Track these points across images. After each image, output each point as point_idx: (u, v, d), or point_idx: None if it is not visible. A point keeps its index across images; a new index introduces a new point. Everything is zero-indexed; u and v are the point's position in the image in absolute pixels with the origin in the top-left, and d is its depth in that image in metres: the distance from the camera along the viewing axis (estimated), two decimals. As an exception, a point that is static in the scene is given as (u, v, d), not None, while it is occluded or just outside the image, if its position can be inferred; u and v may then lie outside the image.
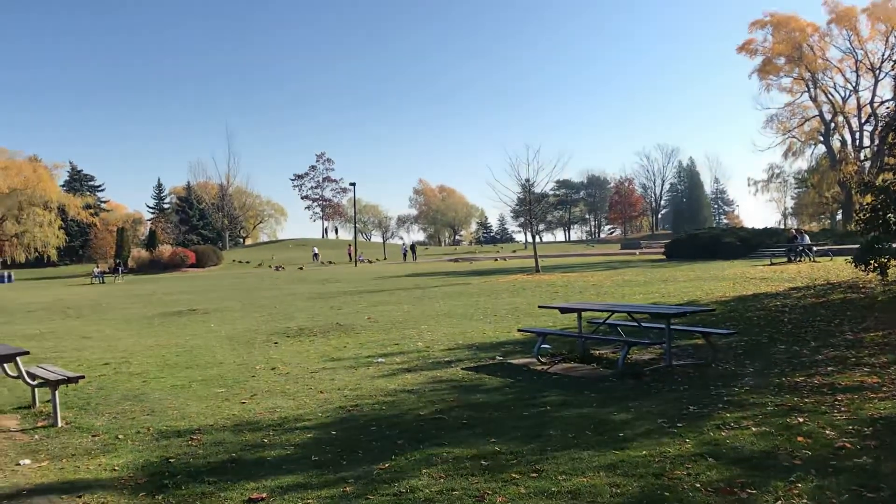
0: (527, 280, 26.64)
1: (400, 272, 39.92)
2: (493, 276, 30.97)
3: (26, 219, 65.28)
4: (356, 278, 35.01)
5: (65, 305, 25.40)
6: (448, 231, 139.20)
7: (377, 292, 24.29)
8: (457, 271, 37.93)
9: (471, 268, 42.90)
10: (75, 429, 7.00)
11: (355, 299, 21.70)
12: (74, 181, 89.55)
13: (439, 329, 13.31)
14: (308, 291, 26.66)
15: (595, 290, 20.38)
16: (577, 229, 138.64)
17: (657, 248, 59.80)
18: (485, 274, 33.16)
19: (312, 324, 15.25)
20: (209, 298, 25.29)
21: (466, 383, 8.23)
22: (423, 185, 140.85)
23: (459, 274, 34.65)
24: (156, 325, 17.12)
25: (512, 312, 15.52)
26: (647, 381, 7.84)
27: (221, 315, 18.60)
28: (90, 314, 21.23)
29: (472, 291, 22.37)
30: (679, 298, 16.26)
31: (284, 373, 9.59)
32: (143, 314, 20.15)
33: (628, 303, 15.73)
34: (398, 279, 32.16)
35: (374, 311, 17.41)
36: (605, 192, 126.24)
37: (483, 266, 45.17)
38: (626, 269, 31.26)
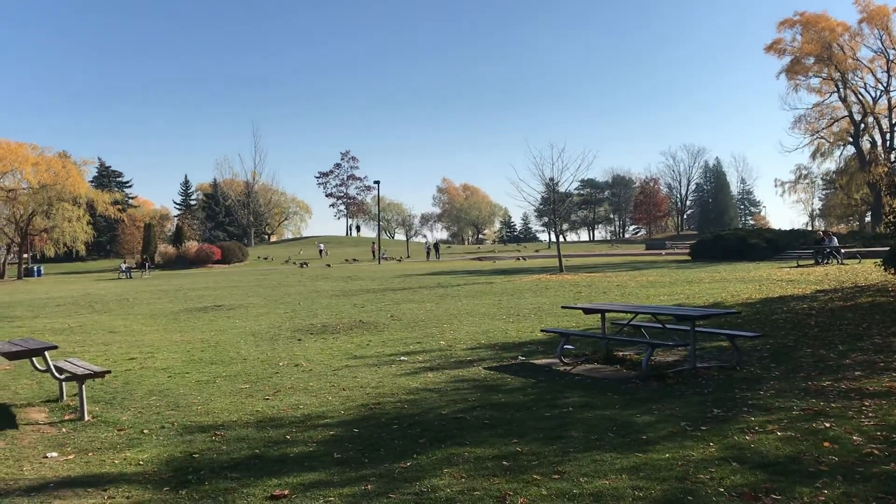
0: (550, 280, 26.54)
1: (423, 270, 39.98)
2: (517, 275, 30.91)
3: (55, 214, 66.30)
4: (379, 276, 35.11)
5: (92, 300, 25.78)
6: (471, 230, 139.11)
7: (400, 290, 24.35)
8: (480, 270, 37.91)
9: (494, 267, 42.84)
10: (101, 423, 7.10)
11: (378, 297, 21.77)
12: (103, 177, 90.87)
13: (462, 328, 13.31)
14: (331, 289, 26.79)
15: (619, 290, 20.25)
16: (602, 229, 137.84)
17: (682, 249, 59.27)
18: (508, 273, 33.11)
19: (336, 321, 15.33)
20: (234, 294, 25.51)
21: (488, 383, 8.22)
22: (447, 184, 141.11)
23: (482, 273, 34.62)
24: (181, 320, 17.30)
25: (535, 312, 15.48)
26: (671, 383, 7.77)
27: (245, 311, 18.76)
28: (117, 309, 21.52)
29: (495, 291, 22.34)
30: (704, 300, 16.10)
31: (307, 370, 9.64)
32: (168, 309, 20.38)
33: (652, 304, 15.61)
34: (421, 277, 32.20)
35: (396, 310, 17.45)
36: (629, 191, 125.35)
37: (506, 265, 45.08)
38: (650, 269, 31.02)
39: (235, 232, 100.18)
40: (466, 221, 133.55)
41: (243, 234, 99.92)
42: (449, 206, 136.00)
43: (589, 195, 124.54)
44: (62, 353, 11.22)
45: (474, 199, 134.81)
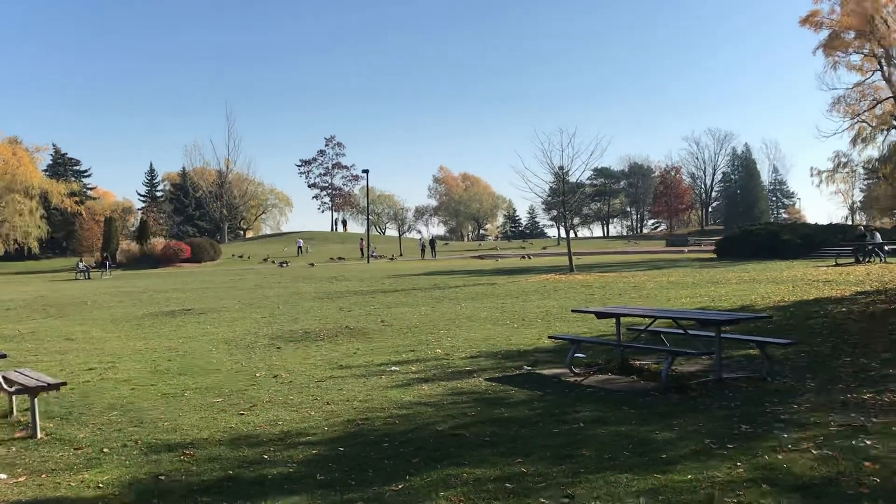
0: (559, 280, 26.58)
1: (417, 270, 40.00)
2: (522, 275, 30.94)
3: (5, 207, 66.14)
4: (368, 276, 35.12)
5: (46, 303, 25.75)
6: (471, 224, 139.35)
7: (391, 292, 24.36)
8: (481, 270, 37.94)
9: (496, 266, 42.85)
10: (56, 441, 7.09)
11: (367, 300, 21.78)
12: (58, 165, 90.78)
13: (460, 334, 13.33)
14: (315, 290, 26.80)
15: (636, 292, 20.28)
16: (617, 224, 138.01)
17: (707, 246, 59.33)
18: (512, 273, 33.13)
19: (319, 327, 15.34)
20: (205, 297, 25.51)
21: (490, 396, 8.23)
22: (444, 173, 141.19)
23: (483, 273, 34.66)
24: (146, 326, 17.30)
25: (542, 317, 15.50)
26: (694, 395, 7.78)
27: (219, 316, 18.77)
28: (74, 313, 21.50)
29: (498, 293, 22.37)
30: (731, 303, 16.12)
31: (287, 381, 9.64)
32: (132, 314, 20.38)
33: (673, 307, 15.65)
34: (415, 278, 32.22)
35: (387, 314, 17.47)
36: (648, 181, 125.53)
37: (510, 264, 45.09)
38: (671, 268, 31.06)
39: (207, 227, 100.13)
40: (466, 215, 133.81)
41: (216, 229, 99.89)
42: (446, 198, 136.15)
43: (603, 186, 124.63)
44: (12, 363, 11.20)
45: (475, 191, 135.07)
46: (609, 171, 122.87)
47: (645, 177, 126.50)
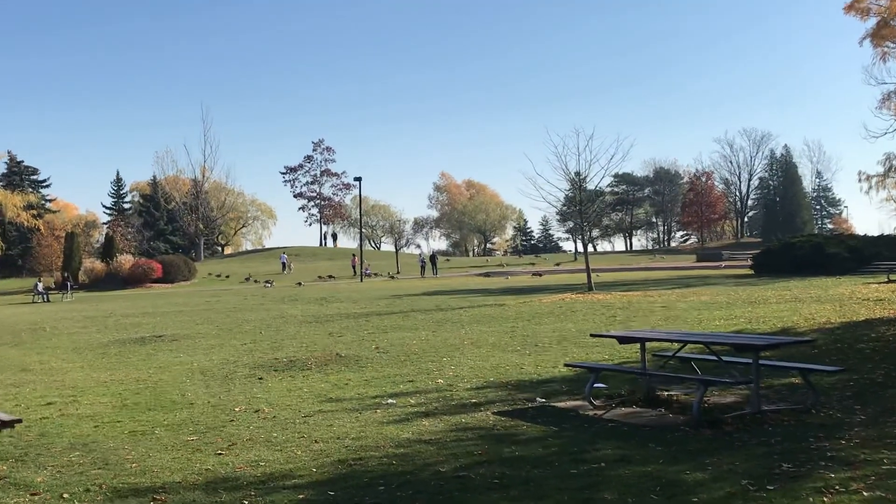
0: (577, 300, 26.57)
1: (416, 289, 39.99)
2: (535, 294, 30.94)
3: (-47, 222, 66.36)
4: (361, 297, 35.14)
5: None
6: (477, 238, 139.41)
7: (387, 315, 24.38)
8: (488, 289, 37.93)
9: (506, 284, 42.84)
10: (10, 485, 7.08)
11: (360, 324, 21.79)
12: (13, 175, 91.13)
13: (465, 362, 13.32)
14: (301, 313, 26.82)
15: (664, 313, 20.27)
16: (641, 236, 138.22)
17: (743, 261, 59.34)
18: (524, 292, 33.13)
19: (306, 354, 15.34)
20: (179, 322, 25.53)
21: (499, 432, 8.22)
22: (446, 180, 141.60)
23: (491, 292, 34.65)
24: (112, 354, 17.30)
25: (557, 342, 15.50)
26: (730, 431, 7.76)
27: (193, 343, 18.77)
28: (31, 341, 21.51)
29: (508, 315, 22.37)
30: (771, 325, 16.10)
31: (271, 416, 9.64)
32: (96, 341, 20.39)
33: (706, 331, 15.63)
34: (414, 298, 32.23)
35: (383, 339, 17.47)
36: (676, 188, 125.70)
37: (521, 282, 45.07)
38: (703, 286, 31.05)
39: (181, 243, 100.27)
40: (471, 227, 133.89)
41: (190, 245, 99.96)
42: (449, 209, 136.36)
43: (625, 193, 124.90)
44: (-39, 398, 11.21)
45: (480, 200, 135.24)
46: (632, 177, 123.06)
47: (672, 183, 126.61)
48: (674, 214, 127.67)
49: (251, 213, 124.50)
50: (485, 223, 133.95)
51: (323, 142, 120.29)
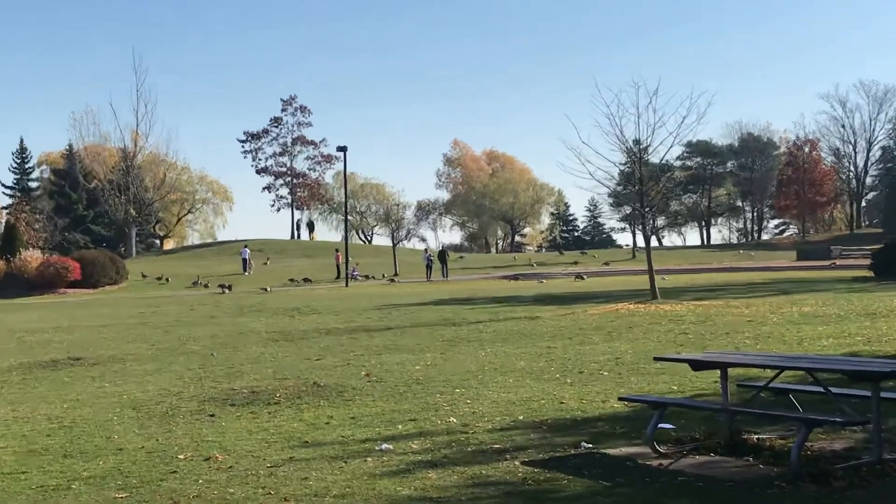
0: (635, 312, 26.53)
1: (420, 296, 39.95)
2: (578, 304, 30.89)
3: None
4: (347, 307, 35.12)
5: None
6: (501, 228, 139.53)
7: (381, 331, 24.38)
8: (516, 296, 37.85)
9: (540, 290, 42.71)
10: None
11: (345, 342, 21.79)
12: None
13: (485, 394, 13.28)
14: (267, 329, 26.84)
15: (752, 329, 20.20)
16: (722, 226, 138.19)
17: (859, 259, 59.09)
18: (564, 301, 33.07)
19: (274, 383, 15.32)
20: (103, 339, 25.56)
21: (530, 488, 8.19)
22: (460, 151, 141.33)
23: (521, 300, 34.59)
24: (14, 383, 17.30)
25: (609, 367, 15.46)
26: (840, 486, 7.71)
27: (123, 367, 18.78)
28: None
29: (542, 331, 22.35)
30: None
31: (226, 466, 9.64)
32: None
33: (809, 353, 15.54)
34: (417, 309, 32.23)
35: (375, 364, 17.46)
36: (769, 162, 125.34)
37: (561, 287, 44.95)
38: (805, 293, 30.89)
39: (106, 235, 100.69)
40: (493, 214, 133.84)
41: (119, 237, 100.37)
42: (464, 189, 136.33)
43: (701, 168, 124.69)
44: None
45: (506, 176, 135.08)
46: (710, 146, 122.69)
47: (764, 155, 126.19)
48: (766, 197, 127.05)
49: (200, 194, 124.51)
50: (512, 208, 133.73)
51: (295, 99, 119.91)
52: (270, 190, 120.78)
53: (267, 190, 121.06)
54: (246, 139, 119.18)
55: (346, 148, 66.07)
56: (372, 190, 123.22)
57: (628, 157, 35.43)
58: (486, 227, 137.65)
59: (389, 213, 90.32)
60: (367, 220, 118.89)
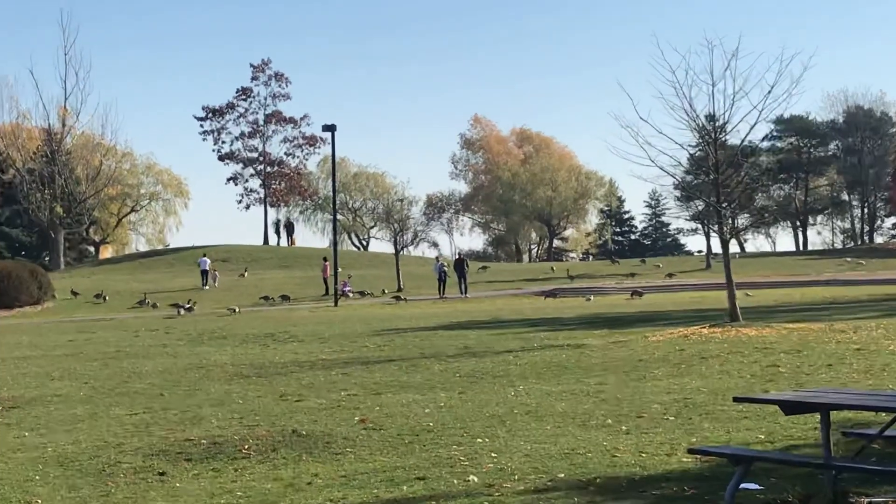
0: (709, 338, 26.50)
1: (432, 318, 39.94)
2: (636, 328, 30.87)
3: None
4: (337, 331, 35.14)
5: None
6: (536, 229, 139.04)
7: (380, 363, 24.40)
8: (555, 318, 37.80)
9: (586, 310, 42.64)
10: None
11: (333, 379, 21.80)
12: None
13: (516, 445, 13.26)
14: (234, 361, 26.85)
15: (862, 361, 20.14)
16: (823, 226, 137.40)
17: None
18: (617, 324, 33.03)
19: (241, 431, 15.33)
20: (22, 376, 25.58)
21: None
22: (483, 130, 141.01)
23: (561, 324, 34.54)
24: None
25: (676, 410, 15.41)
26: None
27: (47, 412, 18.78)
28: None
29: (590, 363, 22.33)
30: None
31: (179, 541, 9.64)
32: None
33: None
34: (427, 334, 32.26)
35: (372, 406, 17.45)
36: (884, 143, 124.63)
37: (613, 306, 44.87)
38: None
39: (25, 240, 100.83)
40: (526, 211, 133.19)
41: (42, 243, 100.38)
42: (487, 179, 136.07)
43: (795, 152, 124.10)
44: None
45: (543, 162, 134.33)
46: (807, 122, 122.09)
47: (878, 134, 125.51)
48: (880, 188, 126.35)
49: (147, 187, 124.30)
50: (550, 203, 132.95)
51: (269, 64, 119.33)
52: (237, 181, 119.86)
53: (233, 181, 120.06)
54: (205, 116, 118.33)
55: (334, 127, 66.00)
56: (368, 181, 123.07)
57: (700, 138, 35.27)
58: (517, 229, 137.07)
59: (391, 211, 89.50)
60: (362, 221, 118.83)
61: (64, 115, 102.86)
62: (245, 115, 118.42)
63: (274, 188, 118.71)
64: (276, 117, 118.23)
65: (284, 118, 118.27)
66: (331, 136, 67.09)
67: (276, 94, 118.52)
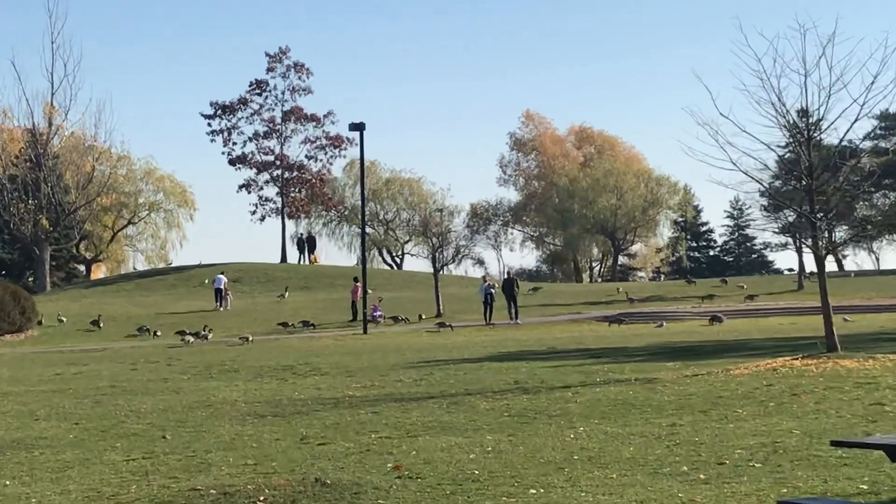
0: (803, 372, 26.41)
1: (477, 348, 39.93)
2: (717, 359, 30.81)
3: None
4: (366, 363, 35.23)
5: None
6: (599, 244, 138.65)
7: (417, 401, 24.43)
8: (622, 347, 37.75)
9: (657, 337, 42.52)
10: None
11: (363, 418, 21.82)
12: None
13: (576, 497, 13.23)
14: (246, 396, 26.93)
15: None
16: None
17: None
18: (692, 354, 32.99)
19: (256, 480, 15.33)
20: (1, 416, 25.67)
21: None
22: (535, 129, 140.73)
23: (626, 354, 34.49)
24: None
25: (763, 456, 15.34)
26: None
27: (31, 458, 18.83)
28: None
29: (662, 401, 22.31)
30: None
31: None
32: None
33: None
34: (472, 367, 32.31)
35: (408, 450, 17.44)
36: None
37: (690, 333, 44.73)
38: None
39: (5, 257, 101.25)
40: (587, 222, 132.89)
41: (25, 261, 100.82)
42: (541, 186, 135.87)
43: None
44: None
45: (607, 167, 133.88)
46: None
47: None
48: None
49: (146, 196, 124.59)
50: (615, 213, 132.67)
51: (287, 53, 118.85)
52: (250, 189, 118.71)
53: (245, 189, 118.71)
54: (214, 113, 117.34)
55: (363, 125, 65.90)
56: (403, 188, 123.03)
57: (791, 137, 35.02)
58: (576, 244, 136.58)
59: (429, 223, 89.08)
60: (396, 234, 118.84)
61: (50, 112, 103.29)
62: (260, 112, 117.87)
63: (293, 197, 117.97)
64: (296, 114, 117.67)
65: (305, 115, 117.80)
66: (359, 135, 67.22)
67: (295, 88, 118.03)
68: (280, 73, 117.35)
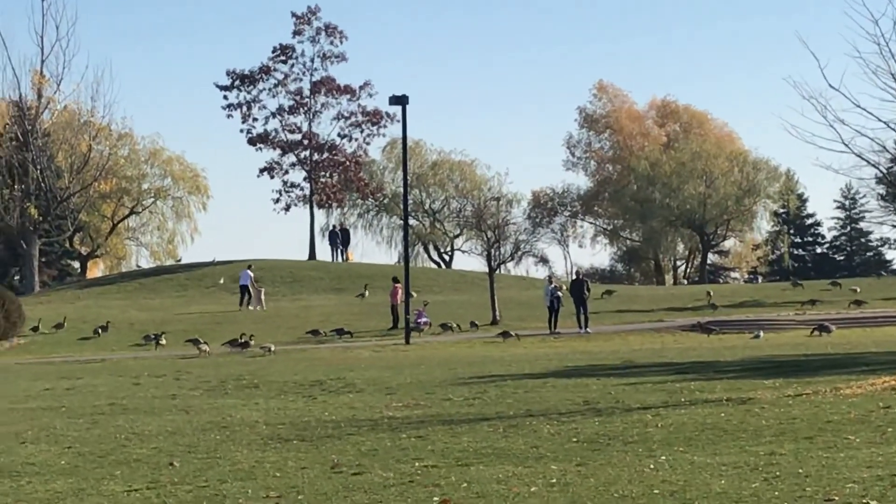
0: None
1: (539, 361, 39.98)
2: (822, 376, 30.72)
3: None
4: (409, 379, 35.35)
5: None
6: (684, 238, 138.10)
7: (470, 423, 24.45)
8: (711, 362, 37.74)
9: (753, 351, 42.47)
10: None
11: (405, 443, 21.83)
12: None
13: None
14: (268, 417, 26.99)
15: None
16: None
17: None
18: (796, 370, 32.95)
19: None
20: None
21: None
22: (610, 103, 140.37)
23: (716, 370, 34.48)
24: None
25: (879, 490, 15.25)
26: None
27: (16, 487, 18.90)
28: None
29: (759, 425, 22.25)
30: None
31: None
32: None
33: None
34: (534, 384, 32.36)
35: (458, 482, 17.42)
36: None
37: (791, 345, 44.65)
38: None
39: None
40: (671, 214, 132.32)
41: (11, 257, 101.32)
42: (616, 169, 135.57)
43: None
44: None
45: (695, 148, 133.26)
46: None
47: None
48: None
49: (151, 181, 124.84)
50: (704, 203, 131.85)
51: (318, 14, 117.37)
52: (273, 173, 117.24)
53: (267, 173, 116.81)
54: (231, 84, 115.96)
55: (405, 98, 65.65)
56: (452, 172, 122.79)
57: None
58: (657, 239, 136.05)
59: (483, 214, 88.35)
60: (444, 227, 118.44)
61: (40, 82, 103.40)
62: (285, 83, 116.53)
63: (323, 182, 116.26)
64: (327, 86, 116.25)
65: (338, 87, 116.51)
66: (401, 110, 67.04)
67: (326, 55, 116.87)
68: (308, 37, 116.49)
